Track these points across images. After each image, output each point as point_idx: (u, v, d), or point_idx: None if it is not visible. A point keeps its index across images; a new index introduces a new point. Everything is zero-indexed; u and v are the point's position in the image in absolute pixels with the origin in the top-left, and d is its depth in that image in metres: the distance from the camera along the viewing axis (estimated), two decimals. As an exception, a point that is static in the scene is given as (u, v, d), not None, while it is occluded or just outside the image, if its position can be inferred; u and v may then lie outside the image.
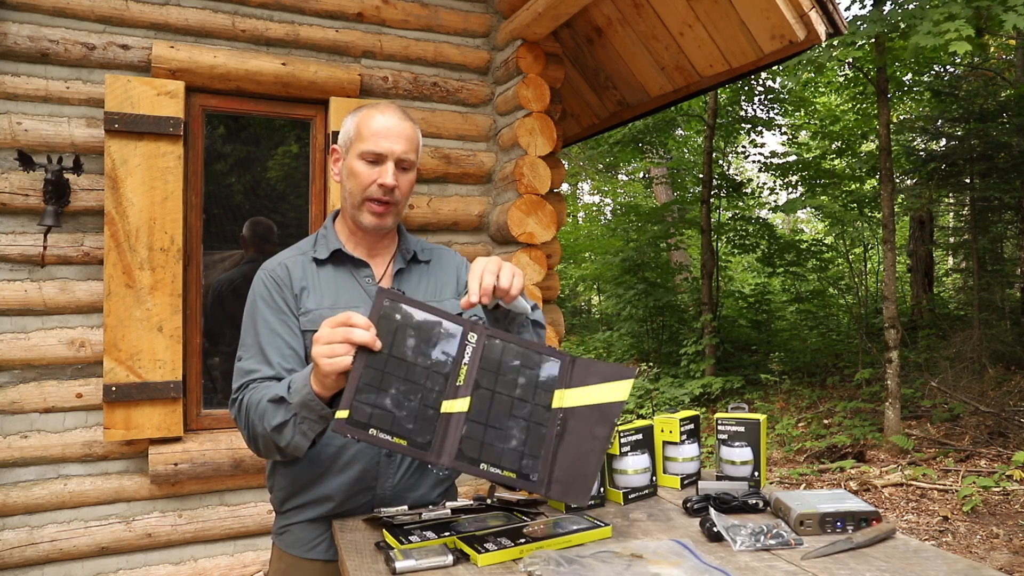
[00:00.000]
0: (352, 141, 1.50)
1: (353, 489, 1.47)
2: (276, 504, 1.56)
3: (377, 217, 1.49)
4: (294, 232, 3.48)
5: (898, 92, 9.77)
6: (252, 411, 1.34)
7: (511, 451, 1.19)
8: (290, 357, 1.43)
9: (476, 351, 1.21)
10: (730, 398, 9.19)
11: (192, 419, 3.17)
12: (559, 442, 1.21)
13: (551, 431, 1.21)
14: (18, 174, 2.86)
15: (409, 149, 1.49)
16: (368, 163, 1.47)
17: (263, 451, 1.38)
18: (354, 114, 1.53)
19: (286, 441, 1.28)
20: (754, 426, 1.62)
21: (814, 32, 3.14)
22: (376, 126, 1.47)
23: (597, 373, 1.24)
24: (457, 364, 1.20)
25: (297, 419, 1.26)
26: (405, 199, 1.52)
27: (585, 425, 1.22)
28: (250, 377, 1.41)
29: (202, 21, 3.17)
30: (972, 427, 6.63)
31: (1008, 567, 3.99)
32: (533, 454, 1.20)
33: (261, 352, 1.43)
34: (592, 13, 4.04)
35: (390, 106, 1.53)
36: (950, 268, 13.54)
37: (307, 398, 1.23)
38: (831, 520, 1.28)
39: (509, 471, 1.17)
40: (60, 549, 2.87)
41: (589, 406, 1.22)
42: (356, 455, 1.46)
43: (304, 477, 1.48)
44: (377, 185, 1.46)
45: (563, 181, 3.88)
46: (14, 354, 2.86)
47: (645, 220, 12.33)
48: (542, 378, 1.24)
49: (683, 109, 10.91)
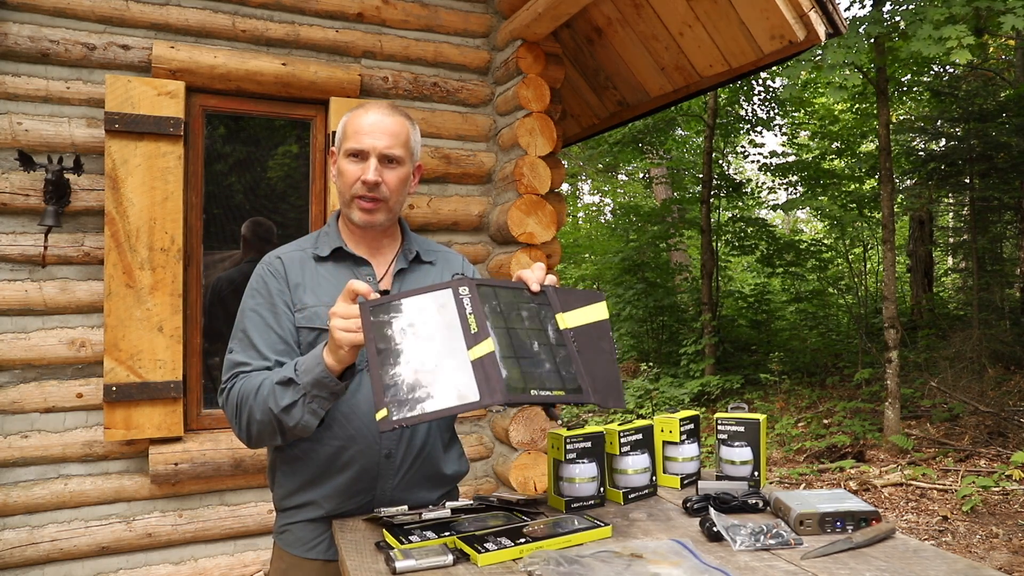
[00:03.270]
0: (340, 141, 1.52)
1: (353, 489, 1.47)
2: (277, 502, 1.56)
3: (366, 214, 1.49)
4: (294, 232, 3.48)
5: (897, 92, 9.77)
6: (249, 398, 1.35)
7: (550, 373, 1.20)
8: (282, 351, 1.44)
9: (474, 299, 1.23)
10: (730, 398, 9.19)
11: (192, 419, 3.18)
12: (581, 357, 1.25)
13: (571, 349, 1.25)
14: (19, 174, 2.86)
15: (394, 144, 1.48)
16: (353, 161, 1.48)
17: (255, 438, 1.39)
18: (346, 115, 1.54)
19: (295, 421, 1.30)
20: (754, 426, 1.62)
21: (814, 32, 3.14)
22: (359, 123, 1.48)
23: (577, 297, 1.34)
24: (464, 318, 1.20)
25: (307, 398, 1.28)
26: (396, 195, 1.51)
27: (591, 341, 1.29)
28: (239, 368, 1.42)
29: (202, 21, 3.17)
30: (972, 427, 6.64)
31: (1007, 567, 3.99)
32: (568, 371, 1.22)
33: (252, 345, 1.44)
34: (592, 13, 4.04)
35: (378, 103, 1.54)
36: (950, 268, 13.54)
37: (320, 375, 1.26)
38: (831, 520, 1.28)
39: (558, 390, 1.18)
40: (60, 549, 2.88)
41: (587, 325, 1.30)
42: (355, 455, 1.46)
43: (304, 476, 1.48)
44: (361, 182, 1.47)
45: (563, 181, 3.88)
46: (15, 354, 2.86)
47: (645, 220, 12.34)
48: (539, 308, 1.29)
49: (683, 109, 10.91)
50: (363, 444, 1.45)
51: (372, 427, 1.45)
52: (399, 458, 1.49)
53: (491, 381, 1.13)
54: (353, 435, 1.45)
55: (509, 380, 1.15)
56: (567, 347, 1.25)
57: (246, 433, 1.40)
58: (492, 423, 3.61)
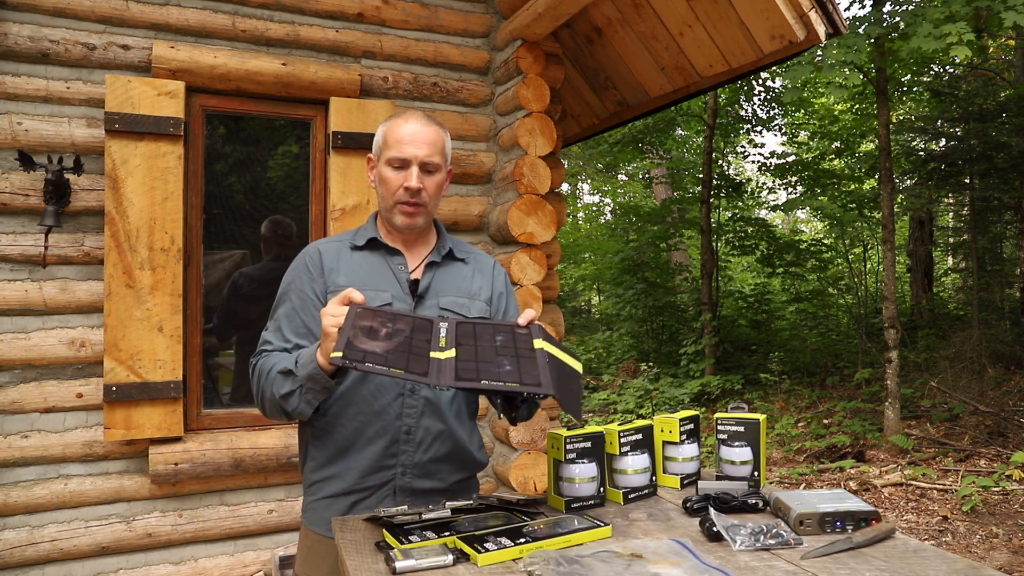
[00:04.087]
0: (381, 149, 1.63)
1: (376, 464, 1.55)
2: (306, 476, 1.65)
3: (408, 217, 1.60)
4: (294, 233, 3.49)
5: (897, 92, 9.77)
6: (263, 377, 1.51)
7: (508, 371, 1.26)
8: (304, 335, 1.57)
9: (450, 328, 1.36)
10: (730, 398, 9.19)
11: (192, 419, 3.18)
12: (548, 366, 1.29)
13: (540, 358, 1.30)
14: (19, 174, 2.86)
15: (433, 152, 1.59)
16: (395, 169, 1.59)
17: (269, 413, 1.54)
18: (384, 124, 1.65)
19: (292, 407, 1.45)
20: (754, 426, 1.62)
21: (814, 32, 3.14)
22: (400, 133, 1.59)
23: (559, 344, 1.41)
24: (436, 336, 1.33)
25: (303, 390, 1.42)
26: (434, 199, 1.63)
27: (562, 372, 1.32)
28: (265, 347, 1.59)
29: (202, 21, 3.17)
30: (972, 427, 6.64)
31: (1007, 567, 3.99)
32: (529, 371, 1.26)
33: (279, 328, 1.59)
34: (592, 13, 4.04)
35: (415, 113, 1.64)
36: (950, 268, 13.54)
37: (312, 371, 1.38)
38: (831, 520, 1.28)
39: (511, 382, 1.23)
40: (60, 549, 2.88)
41: (561, 360, 1.35)
42: (379, 431, 1.55)
43: (330, 450, 1.58)
44: (404, 189, 1.58)
45: (563, 181, 3.88)
46: (15, 354, 2.86)
47: (645, 220, 12.34)
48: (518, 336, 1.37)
49: (683, 109, 10.91)
50: (385, 421, 1.55)
51: (394, 406, 1.55)
52: (419, 435, 1.57)
53: (443, 370, 1.24)
54: (378, 411, 1.55)
55: (461, 371, 1.24)
56: (536, 358, 1.30)
57: (260, 407, 1.55)
58: (492, 423, 3.61)
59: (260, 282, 3.38)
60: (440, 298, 1.63)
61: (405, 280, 1.61)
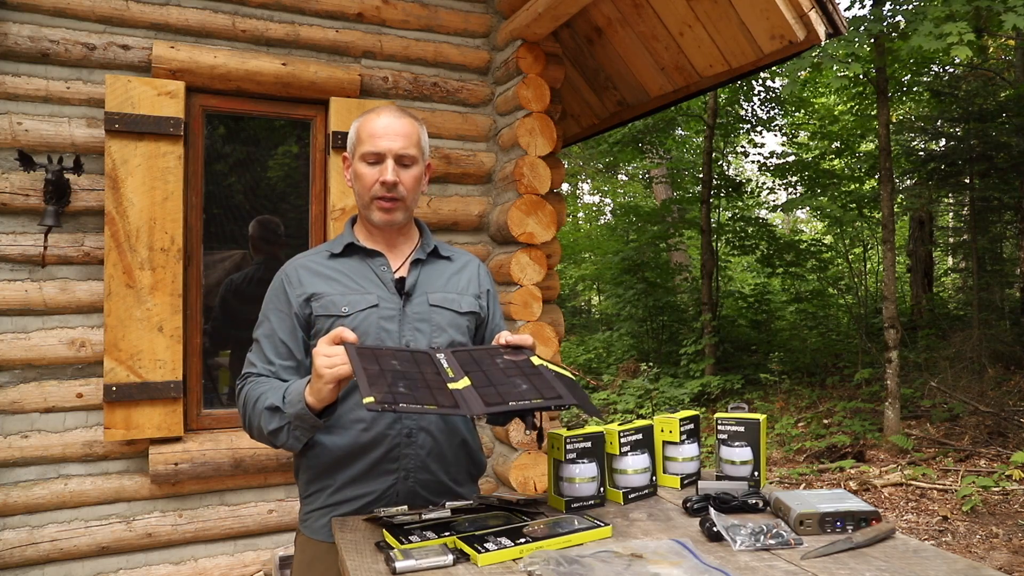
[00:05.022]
0: (355, 146, 1.60)
1: (378, 470, 1.52)
2: (302, 488, 1.61)
3: (386, 213, 1.57)
4: (294, 233, 3.49)
5: (897, 92, 9.77)
6: (250, 407, 1.48)
7: (527, 390, 1.31)
8: (284, 355, 1.55)
9: (449, 357, 1.38)
10: (730, 398, 9.19)
11: (192, 419, 3.18)
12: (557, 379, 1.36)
13: (547, 373, 1.37)
14: (19, 174, 2.86)
15: (408, 145, 1.56)
16: (370, 164, 1.56)
17: (257, 439, 1.51)
18: (356, 120, 1.61)
19: (280, 443, 1.44)
20: (754, 426, 1.62)
21: (814, 32, 3.14)
22: (373, 127, 1.56)
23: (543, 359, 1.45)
24: (441, 369, 1.34)
25: (291, 427, 1.40)
26: (412, 193, 1.59)
27: (565, 380, 1.37)
28: (248, 371, 1.56)
29: (202, 21, 3.17)
30: (972, 427, 6.64)
31: (1007, 567, 3.99)
32: (543, 386, 1.33)
33: (261, 349, 1.57)
34: (592, 13, 4.04)
35: (387, 107, 1.61)
36: (950, 268, 13.54)
37: (300, 411, 1.37)
38: (831, 520, 1.28)
39: (535, 399, 1.28)
40: (60, 549, 2.88)
41: (559, 372, 1.40)
42: (377, 438, 1.52)
43: (326, 459, 1.54)
44: (380, 183, 1.54)
45: (563, 181, 3.88)
46: (14, 354, 2.86)
47: (645, 220, 12.33)
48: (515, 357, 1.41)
49: (683, 109, 10.91)
50: (381, 428, 1.52)
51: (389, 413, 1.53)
52: (420, 438, 1.55)
53: (469, 400, 1.25)
54: (374, 419, 1.52)
55: (486, 397, 1.27)
56: (543, 374, 1.36)
57: (248, 432, 1.52)
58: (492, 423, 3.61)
59: (251, 285, 3.37)
60: (429, 294, 1.60)
61: (390, 280, 1.59)
